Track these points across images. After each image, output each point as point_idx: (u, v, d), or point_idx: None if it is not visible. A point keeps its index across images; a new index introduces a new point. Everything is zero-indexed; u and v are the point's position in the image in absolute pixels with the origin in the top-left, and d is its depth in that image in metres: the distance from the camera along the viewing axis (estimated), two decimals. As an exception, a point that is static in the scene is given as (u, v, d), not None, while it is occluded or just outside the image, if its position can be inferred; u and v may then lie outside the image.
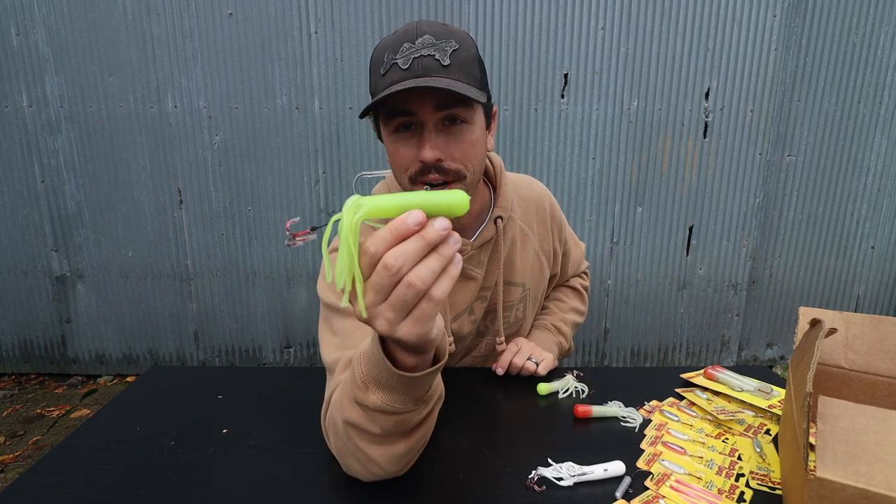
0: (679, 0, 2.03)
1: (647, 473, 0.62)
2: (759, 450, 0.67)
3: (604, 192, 2.21)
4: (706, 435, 0.71)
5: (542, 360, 0.89)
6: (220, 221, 2.23)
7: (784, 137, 2.18)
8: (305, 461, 0.66)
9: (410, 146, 0.67)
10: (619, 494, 0.58)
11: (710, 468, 0.63)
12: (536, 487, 0.59)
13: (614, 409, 0.76)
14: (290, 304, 2.31)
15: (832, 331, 0.68)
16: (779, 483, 0.61)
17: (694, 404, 0.79)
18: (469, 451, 0.67)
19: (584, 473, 0.61)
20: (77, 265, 2.27)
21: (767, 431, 0.72)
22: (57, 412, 2.08)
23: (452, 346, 0.86)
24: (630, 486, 0.60)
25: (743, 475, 0.62)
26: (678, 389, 0.84)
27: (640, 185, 2.21)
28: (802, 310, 0.69)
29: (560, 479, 0.60)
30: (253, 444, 0.70)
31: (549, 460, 0.64)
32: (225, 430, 0.73)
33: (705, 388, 0.84)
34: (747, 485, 0.60)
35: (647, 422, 0.74)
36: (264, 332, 2.35)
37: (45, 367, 2.39)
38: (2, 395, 2.22)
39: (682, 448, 0.67)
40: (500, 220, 0.84)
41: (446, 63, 0.63)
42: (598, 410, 0.76)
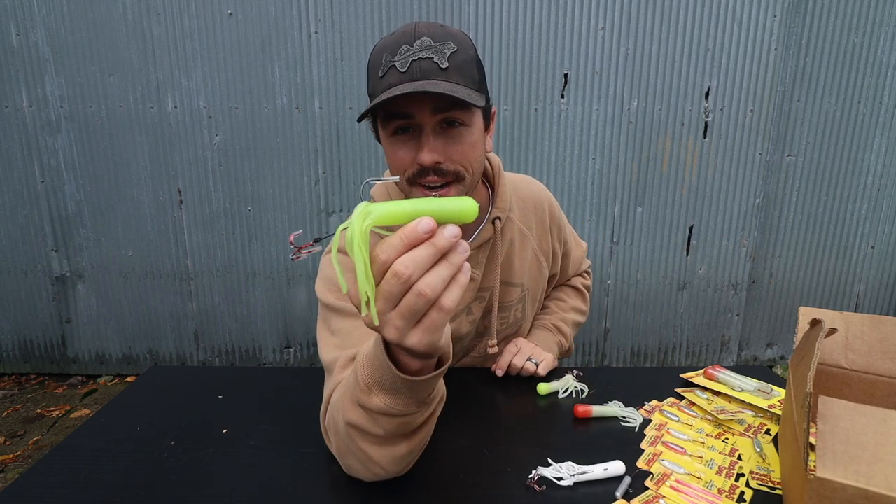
0: (679, 0, 2.03)
1: (647, 473, 0.62)
2: (759, 450, 0.67)
3: (604, 192, 2.21)
4: (706, 435, 0.71)
5: (542, 360, 0.89)
6: (220, 221, 2.23)
7: (784, 137, 2.18)
8: (305, 461, 0.66)
9: (409, 149, 0.67)
10: (619, 494, 0.58)
11: (710, 468, 0.63)
12: (536, 487, 0.60)
13: (614, 409, 0.76)
14: (290, 304, 2.31)
15: (832, 331, 0.68)
16: (779, 483, 0.61)
17: (694, 404, 0.79)
18: (469, 451, 0.67)
19: (584, 473, 0.61)
20: (77, 265, 2.27)
21: (767, 431, 0.72)
22: (57, 412, 2.08)
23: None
24: (630, 485, 0.60)
25: (743, 475, 0.62)
26: (678, 389, 0.84)
27: (640, 185, 2.21)
28: (802, 310, 0.69)
29: (560, 478, 0.61)
30: (253, 444, 0.70)
31: (549, 460, 0.64)
32: (225, 430, 0.73)
33: (705, 388, 0.84)
34: (747, 485, 0.60)
35: (647, 422, 0.74)
36: (264, 332, 2.35)
37: (45, 367, 2.39)
38: (2, 395, 2.22)
39: (682, 448, 0.67)
40: (498, 220, 0.84)
41: (444, 66, 0.63)
42: (598, 410, 0.76)
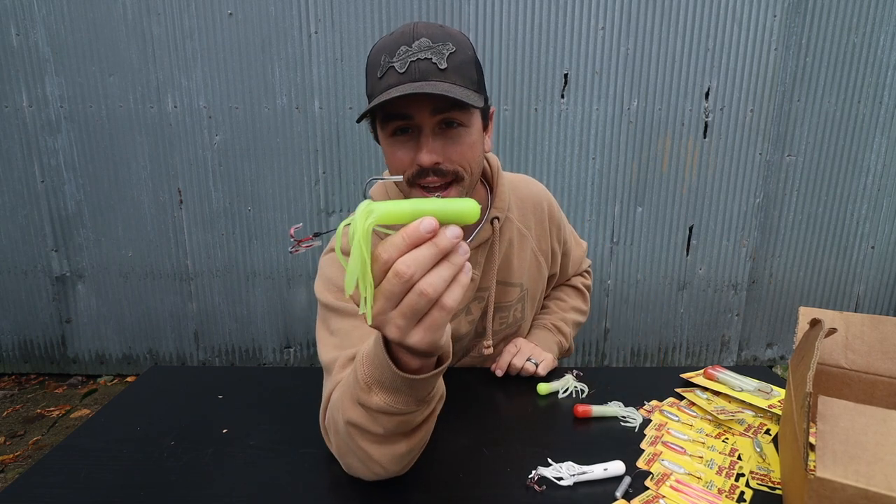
0: (679, 0, 2.03)
1: (647, 473, 0.62)
2: (759, 450, 0.67)
3: (604, 192, 2.21)
4: (706, 435, 0.71)
5: (542, 360, 0.89)
6: (220, 221, 2.23)
7: (784, 137, 2.18)
8: (305, 461, 0.66)
9: (408, 149, 0.67)
10: (619, 494, 0.58)
11: (710, 468, 0.63)
12: (536, 487, 0.59)
13: (614, 408, 0.76)
14: (290, 304, 2.31)
15: (832, 331, 0.68)
16: (779, 483, 0.61)
17: (694, 404, 0.79)
18: (469, 451, 0.67)
19: (584, 473, 0.61)
20: (77, 265, 2.27)
21: (767, 431, 0.72)
22: (57, 412, 2.08)
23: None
24: (630, 485, 0.60)
25: (743, 475, 0.62)
26: (678, 389, 0.84)
27: (640, 185, 2.21)
28: (802, 310, 0.69)
29: (560, 478, 0.61)
30: (253, 444, 0.70)
31: (549, 460, 0.64)
32: (225, 430, 0.73)
33: (705, 388, 0.84)
34: (747, 485, 0.60)
35: (647, 422, 0.74)
36: (264, 332, 2.35)
37: (45, 367, 2.39)
38: (2, 395, 2.22)
39: (682, 448, 0.67)
40: (496, 220, 0.83)
41: (443, 67, 0.63)
42: (598, 410, 0.76)
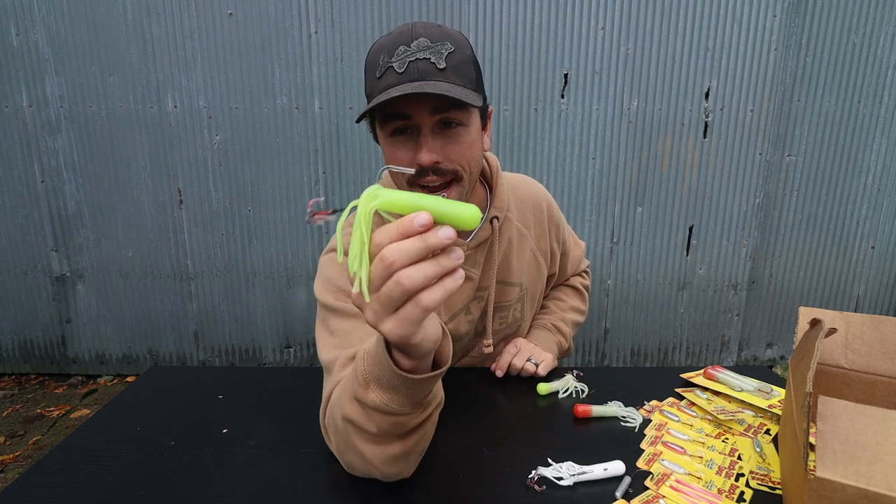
0: (679, 0, 2.03)
1: (647, 473, 0.62)
2: (759, 450, 0.67)
3: (604, 192, 2.21)
4: (706, 435, 0.71)
5: (542, 360, 0.89)
6: (220, 221, 2.23)
7: (784, 137, 2.18)
8: (305, 461, 0.66)
9: (407, 149, 0.67)
10: (619, 494, 0.58)
11: (710, 468, 0.63)
12: (536, 487, 0.59)
13: (614, 408, 0.76)
14: (290, 304, 2.31)
15: (832, 331, 0.68)
16: (779, 483, 0.61)
17: (694, 404, 0.79)
18: (469, 451, 0.67)
19: (584, 473, 0.61)
20: (77, 265, 2.27)
21: (767, 431, 0.72)
22: (57, 412, 2.08)
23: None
24: (630, 485, 0.60)
25: (743, 475, 0.62)
26: (678, 389, 0.84)
27: (640, 185, 2.21)
28: (802, 310, 0.69)
29: (560, 478, 0.61)
30: (253, 444, 0.70)
31: (549, 460, 0.64)
32: (225, 430, 0.73)
33: (705, 388, 0.84)
34: (747, 485, 0.60)
35: (647, 422, 0.74)
36: (264, 332, 2.35)
37: (45, 367, 2.39)
38: (2, 395, 2.22)
39: (682, 448, 0.67)
40: (496, 220, 0.83)
41: (442, 66, 0.63)
42: (598, 410, 0.76)
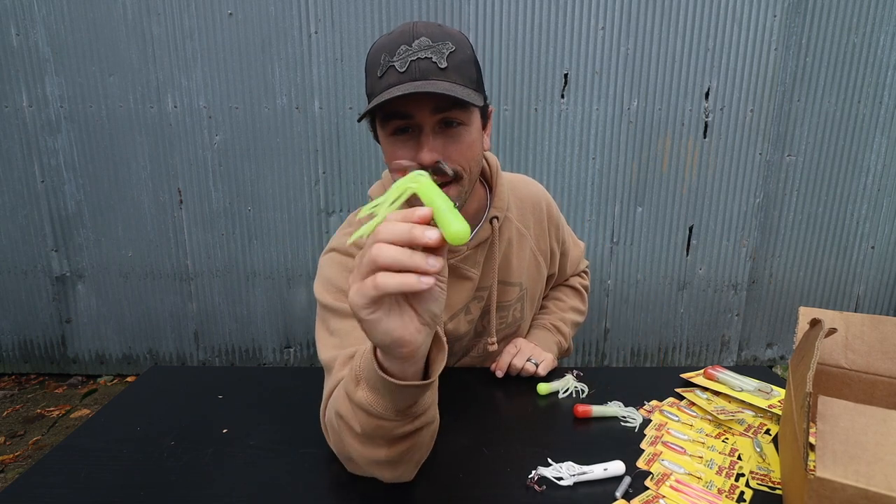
0: (679, 0, 2.03)
1: (647, 473, 0.62)
2: (759, 450, 0.67)
3: (604, 192, 2.21)
4: (706, 435, 0.71)
5: (542, 360, 0.89)
6: (220, 221, 2.23)
7: (784, 137, 2.18)
8: (305, 461, 0.66)
9: (408, 149, 0.67)
10: (619, 494, 0.58)
11: (710, 468, 0.63)
12: (536, 487, 0.59)
13: (614, 408, 0.76)
14: (290, 304, 2.31)
15: (832, 331, 0.68)
16: (779, 483, 0.61)
17: (694, 404, 0.79)
18: (469, 451, 0.67)
19: (584, 473, 0.61)
20: (77, 265, 2.27)
21: (767, 431, 0.72)
22: (57, 412, 2.08)
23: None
24: (630, 485, 0.60)
25: (743, 475, 0.62)
26: (678, 389, 0.84)
27: (640, 185, 2.21)
28: (802, 310, 0.69)
29: (560, 478, 0.60)
30: (253, 444, 0.70)
31: (549, 460, 0.64)
32: (225, 430, 0.73)
33: (705, 388, 0.84)
34: (747, 485, 0.60)
35: (647, 422, 0.74)
36: (264, 332, 2.35)
37: (45, 367, 2.38)
38: (2, 395, 2.22)
39: (682, 448, 0.67)
40: (495, 220, 0.84)
41: (443, 66, 0.63)
42: (598, 410, 0.76)
